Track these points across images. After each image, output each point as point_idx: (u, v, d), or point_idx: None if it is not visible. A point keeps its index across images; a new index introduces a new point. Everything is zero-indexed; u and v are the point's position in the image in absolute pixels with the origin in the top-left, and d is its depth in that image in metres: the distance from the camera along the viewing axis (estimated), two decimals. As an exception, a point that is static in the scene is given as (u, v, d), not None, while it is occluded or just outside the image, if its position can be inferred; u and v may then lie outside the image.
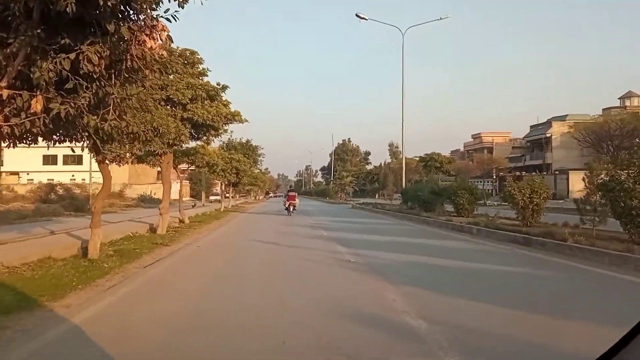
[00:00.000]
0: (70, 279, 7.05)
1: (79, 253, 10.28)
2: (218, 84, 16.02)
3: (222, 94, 16.12)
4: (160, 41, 6.00)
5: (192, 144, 17.49)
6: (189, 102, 15.02)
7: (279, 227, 17.90)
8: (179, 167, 21.48)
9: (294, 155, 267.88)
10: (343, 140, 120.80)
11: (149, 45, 5.87)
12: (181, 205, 21.48)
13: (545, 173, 54.85)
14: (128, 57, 5.83)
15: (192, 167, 32.19)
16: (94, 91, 6.00)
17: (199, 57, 15.86)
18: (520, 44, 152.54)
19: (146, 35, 5.86)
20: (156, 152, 15.35)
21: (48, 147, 7.09)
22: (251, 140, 38.97)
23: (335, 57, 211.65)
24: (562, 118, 65.93)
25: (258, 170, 56.37)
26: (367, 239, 13.27)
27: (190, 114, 14.95)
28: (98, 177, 57.02)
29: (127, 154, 16.18)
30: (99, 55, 5.38)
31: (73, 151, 15.09)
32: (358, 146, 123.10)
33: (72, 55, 5.23)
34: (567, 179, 47.57)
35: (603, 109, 60.96)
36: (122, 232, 14.84)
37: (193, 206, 40.20)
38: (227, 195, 41.98)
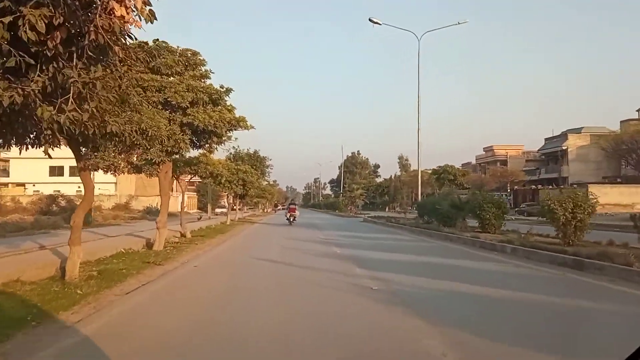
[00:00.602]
0: (25, 312, 5.64)
1: (57, 273, 8.91)
2: (222, 87, 14.70)
3: (226, 98, 14.80)
4: (134, 10, 4.65)
5: (194, 152, 16.13)
6: (189, 106, 13.70)
7: (287, 243, 16.44)
8: (181, 177, 20.19)
9: (303, 167, 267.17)
10: (352, 153, 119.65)
11: (118, 14, 4.51)
12: (182, 218, 20.11)
13: (563, 186, 52.87)
14: (92, 30, 4.47)
15: (198, 179, 30.95)
16: (50, 74, 4.66)
17: (201, 58, 14.58)
18: (533, 55, 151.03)
19: (116, 1, 4.52)
20: (154, 160, 14.07)
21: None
22: (259, 151, 37.73)
23: (344, 67, 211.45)
24: (577, 130, 64.14)
25: (266, 182, 55.09)
26: (386, 258, 11.75)
27: (191, 119, 13.61)
28: (100, 189, 55.62)
29: (122, 163, 15.06)
30: (46, 22, 4.02)
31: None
32: (367, 159, 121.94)
33: (8, 19, 3.88)
34: (587, 192, 45.58)
35: (621, 121, 59.10)
36: (115, 247, 13.52)
37: (199, 219, 38.95)
38: (235, 207, 40.62)
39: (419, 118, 26.94)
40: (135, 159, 14.97)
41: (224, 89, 14.73)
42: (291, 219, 29.85)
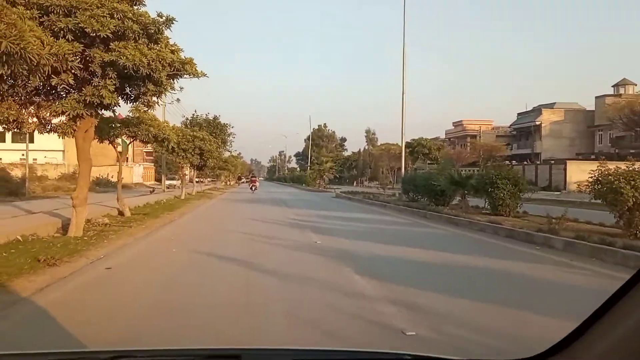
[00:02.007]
0: None
1: None
2: (160, 15, 10.72)
3: (167, 31, 10.85)
4: None
5: (125, 106, 12.09)
6: (112, 37, 9.70)
7: (249, 226, 12.86)
8: (116, 142, 16.08)
9: (268, 139, 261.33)
10: (319, 126, 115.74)
11: None
12: (120, 191, 16.17)
13: (538, 163, 51.33)
14: None
15: (148, 145, 26.64)
16: None
17: (132, -25, 10.51)
18: (501, 32, 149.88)
19: None
20: (67, 114, 10.25)
21: None
22: (219, 117, 33.54)
23: (310, 37, 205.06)
24: (550, 106, 62.59)
25: (229, 153, 50.68)
26: (391, 254, 8.29)
27: (115, 56, 9.61)
28: (46, 157, 50.54)
29: (28, 117, 11.26)
30: None
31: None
32: (334, 132, 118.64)
33: None
34: (565, 169, 43.91)
35: (596, 97, 57.65)
36: (17, 231, 9.80)
37: (151, 192, 34.75)
38: (192, 179, 36.45)
39: (404, 82, 23.51)
40: (47, 114, 10.98)
41: (164, 18, 10.76)
42: (253, 188, 39.74)
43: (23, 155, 62.58)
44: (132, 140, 16.23)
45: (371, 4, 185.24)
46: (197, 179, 70.26)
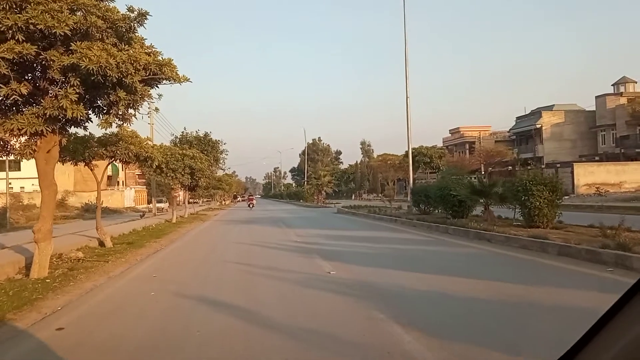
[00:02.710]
0: None
1: None
2: (131, 10, 9.05)
3: (140, 28, 9.18)
4: None
5: (97, 121, 10.31)
6: (71, 36, 8.02)
7: (247, 254, 11.07)
8: (94, 164, 14.26)
9: (262, 155, 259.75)
10: (313, 140, 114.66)
11: None
12: (99, 219, 14.36)
13: (543, 166, 49.76)
14: None
15: (138, 168, 24.81)
16: None
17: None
18: (496, 37, 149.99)
19: None
20: (24, 131, 8.61)
21: None
22: (210, 134, 31.84)
23: (302, 50, 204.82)
24: (549, 108, 61.40)
25: (222, 172, 48.77)
26: (432, 290, 6.36)
27: (76, 58, 7.88)
28: (34, 185, 48.75)
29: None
30: None
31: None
32: (329, 145, 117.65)
33: None
34: (572, 172, 42.38)
35: (596, 97, 56.44)
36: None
37: (142, 216, 32.89)
38: (182, 201, 34.54)
39: (407, 85, 21.91)
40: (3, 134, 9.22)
41: (135, 12, 9.09)
42: (250, 206, 45.72)
43: (10, 184, 60.43)
44: (110, 160, 14.43)
45: (366, 14, 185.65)
46: (190, 200, 68.25)
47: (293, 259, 10.05)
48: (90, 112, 9.78)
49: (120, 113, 9.70)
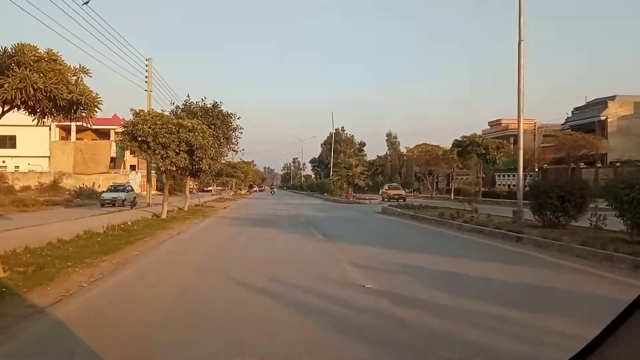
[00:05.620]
0: None
1: None
2: None
3: None
4: None
5: None
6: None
7: (256, 317, 4.19)
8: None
9: (281, 145, 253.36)
10: (336, 129, 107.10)
11: None
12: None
13: (618, 165, 41.78)
14: None
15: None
16: None
17: None
18: (546, 32, 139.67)
19: None
20: None
21: None
22: (220, 105, 24.82)
23: (320, 36, 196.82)
24: (611, 99, 53.18)
25: (235, 154, 41.68)
26: None
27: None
28: (29, 165, 41.81)
29: None
30: None
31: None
32: (353, 136, 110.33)
33: None
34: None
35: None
36: None
37: (132, 206, 26.48)
38: (186, 190, 27.67)
39: (520, 53, 13.78)
40: None
41: None
42: (272, 192, 60.28)
43: (3, 162, 54.36)
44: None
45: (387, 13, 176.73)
46: (206, 188, 61.08)
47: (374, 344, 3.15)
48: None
49: None
